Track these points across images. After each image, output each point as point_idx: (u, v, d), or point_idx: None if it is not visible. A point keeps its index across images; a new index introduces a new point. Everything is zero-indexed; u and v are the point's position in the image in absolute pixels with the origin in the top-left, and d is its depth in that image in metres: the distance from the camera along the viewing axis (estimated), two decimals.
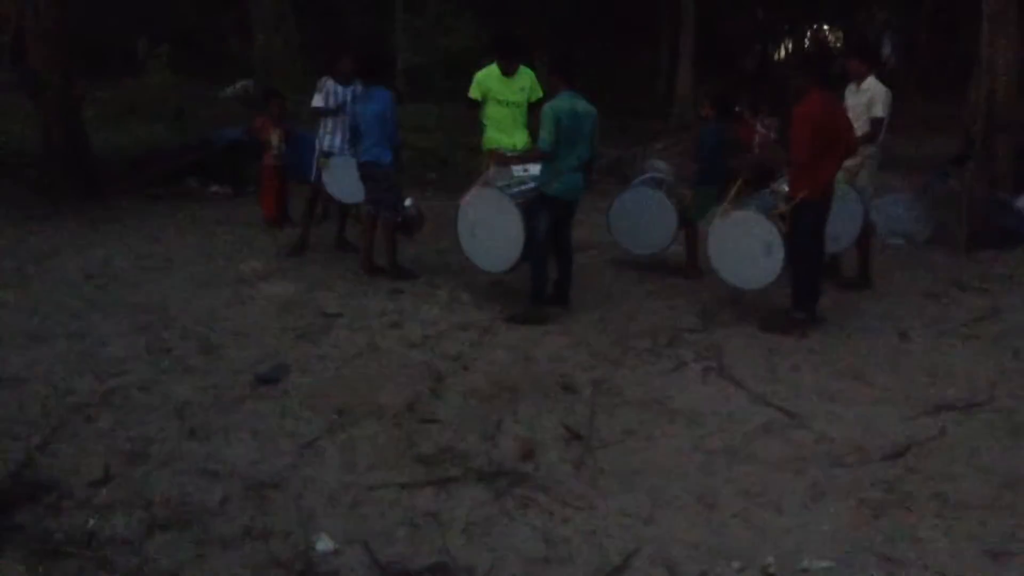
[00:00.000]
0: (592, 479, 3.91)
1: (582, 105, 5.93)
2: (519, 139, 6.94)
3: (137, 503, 3.55)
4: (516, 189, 6.30)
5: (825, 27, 28.16)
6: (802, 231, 5.83)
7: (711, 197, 6.92)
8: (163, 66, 14.68)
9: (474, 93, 7.03)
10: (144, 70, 14.90)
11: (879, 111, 6.58)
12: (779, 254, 5.87)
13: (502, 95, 6.94)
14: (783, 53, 28.33)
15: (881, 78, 6.90)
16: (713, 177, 6.95)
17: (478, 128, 7.14)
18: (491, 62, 7.06)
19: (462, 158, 12.02)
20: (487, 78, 6.98)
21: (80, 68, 10.93)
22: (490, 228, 6.25)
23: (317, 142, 7.56)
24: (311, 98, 7.52)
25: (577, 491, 3.79)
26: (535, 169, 6.25)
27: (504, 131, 6.96)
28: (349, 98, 7.30)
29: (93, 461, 3.88)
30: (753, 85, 16.44)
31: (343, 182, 7.26)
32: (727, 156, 7.15)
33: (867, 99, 6.60)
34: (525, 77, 6.99)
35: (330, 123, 7.41)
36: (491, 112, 6.98)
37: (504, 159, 6.46)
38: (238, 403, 4.60)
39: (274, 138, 8.49)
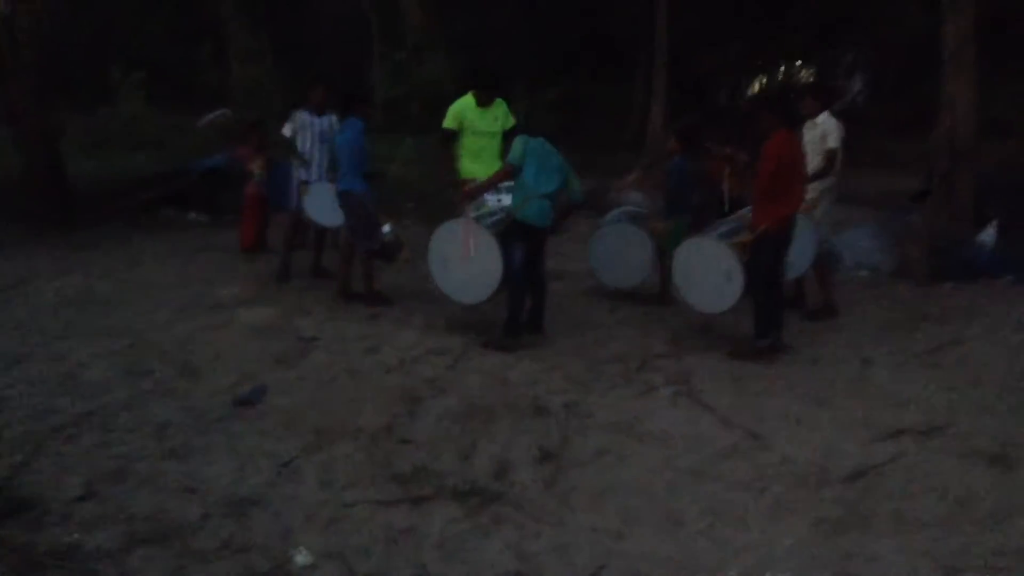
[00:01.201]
0: (563, 497, 4.03)
1: (549, 146, 6.18)
2: (494, 169, 7.10)
3: (118, 519, 3.63)
4: (489, 220, 6.44)
5: (798, 63, 28.74)
6: (761, 261, 6.03)
7: (681, 227, 7.15)
8: (137, 94, 14.79)
9: (449, 123, 7.20)
10: (119, 98, 15.00)
11: (833, 143, 6.85)
12: (738, 281, 6.07)
13: (478, 126, 7.12)
14: (756, 88, 28.86)
15: (850, 115, 7.16)
16: (682, 207, 7.20)
17: (453, 159, 7.30)
18: (466, 94, 7.25)
19: (438, 188, 12.19)
20: (463, 109, 7.16)
21: (55, 97, 11.02)
22: (466, 260, 6.35)
23: (294, 170, 7.70)
24: (285, 125, 7.72)
25: (549, 508, 3.91)
26: (508, 201, 6.42)
27: (480, 161, 7.12)
28: (325, 127, 7.48)
29: (74, 479, 3.95)
30: (725, 120, 16.76)
31: (323, 207, 7.39)
32: (695, 187, 7.39)
33: (820, 133, 6.87)
34: (498, 107, 7.18)
35: (307, 151, 7.56)
36: (467, 143, 7.15)
37: (476, 190, 6.55)
38: (217, 424, 4.68)
39: (256, 167, 8.63)
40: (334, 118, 7.49)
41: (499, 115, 7.16)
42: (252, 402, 4.98)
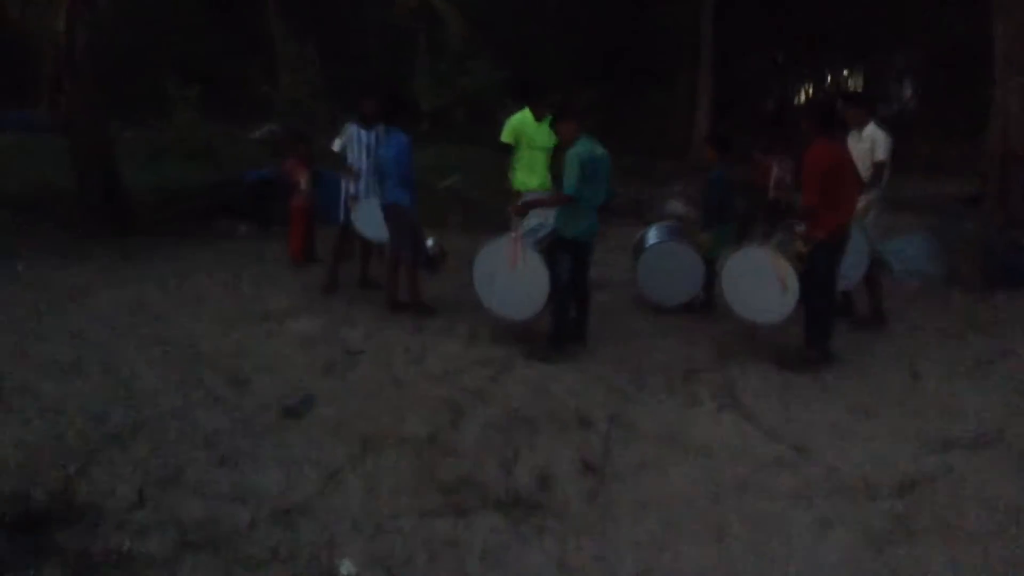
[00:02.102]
0: (606, 508, 4.04)
1: (599, 149, 6.11)
2: (546, 181, 7.23)
3: (170, 526, 3.72)
4: (533, 237, 6.47)
5: (844, 71, 28.40)
6: (817, 271, 5.97)
7: (724, 235, 7.15)
8: (192, 107, 15.11)
9: (507, 137, 7.32)
10: (173, 111, 15.33)
11: (880, 155, 6.76)
12: (794, 291, 6.01)
13: (535, 140, 7.22)
14: (803, 97, 28.56)
15: (900, 121, 7.08)
16: (724, 216, 7.18)
17: (506, 170, 7.41)
18: (514, 104, 7.35)
19: (483, 197, 12.28)
20: (521, 123, 7.27)
21: (112, 110, 11.30)
22: (512, 277, 6.37)
23: (343, 184, 7.80)
24: (335, 139, 7.83)
25: (591, 520, 3.92)
26: (550, 215, 6.44)
27: (534, 173, 7.27)
28: (372, 141, 7.55)
29: (128, 486, 4.06)
30: (771, 127, 16.63)
31: (373, 221, 7.46)
32: (735, 196, 7.36)
33: (869, 145, 6.78)
34: (548, 122, 7.23)
35: (356, 165, 7.64)
36: (523, 156, 7.28)
37: (527, 207, 6.57)
38: (266, 433, 4.77)
39: (303, 180, 8.79)
40: (381, 129, 7.57)
41: (549, 130, 7.22)
42: (299, 412, 5.07)
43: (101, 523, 3.73)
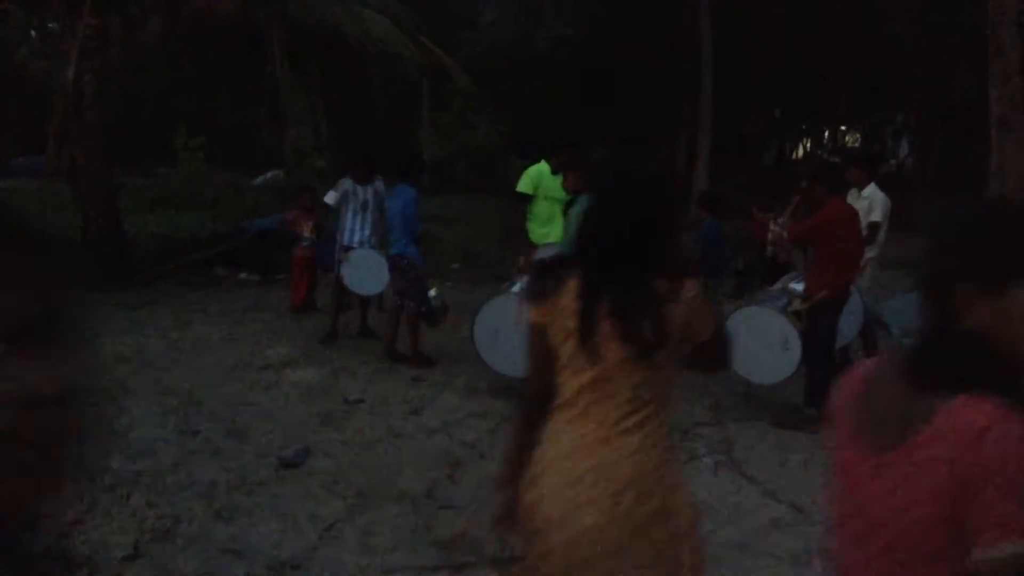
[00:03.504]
0: None
1: None
2: (559, 232, 7.31)
3: None
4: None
5: (842, 127, 28.75)
6: (819, 330, 6.01)
7: (714, 289, 7.23)
8: (197, 157, 15.28)
9: (525, 187, 7.39)
10: (179, 161, 15.50)
11: (877, 216, 6.89)
12: (796, 350, 6.04)
13: (551, 192, 7.30)
14: (800, 152, 28.89)
15: (898, 179, 7.20)
16: (712, 271, 7.26)
17: (521, 221, 7.48)
18: (516, 156, 7.45)
19: (484, 248, 12.35)
20: (540, 175, 7.36)
21: (117, 158, 11.43)
22: (516, 333, 6.35)
23: (337, 236, 7.91)
24: (330, 192, 7.97)
25: None
26: None
27: (549, 224, 7.33)
28: (369, 196, 7.69)
29: (124, 538, 4.04)
30: (769, 183, 16.79)
31: (360, 275, 7.58)
32: (727, 249, 7.45)
33: (867, 205, 6.88)
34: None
35: (349, 219, 7.76)
36: (539, 208, 7.35)
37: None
38: (263, 485, 4.76)
39: (306, 230, 8.88)
40: (380, 185, 7.70)
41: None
42: (297, 464, 5.06)
43: (96, 575, 3.71)
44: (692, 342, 2.13)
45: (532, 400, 2.26)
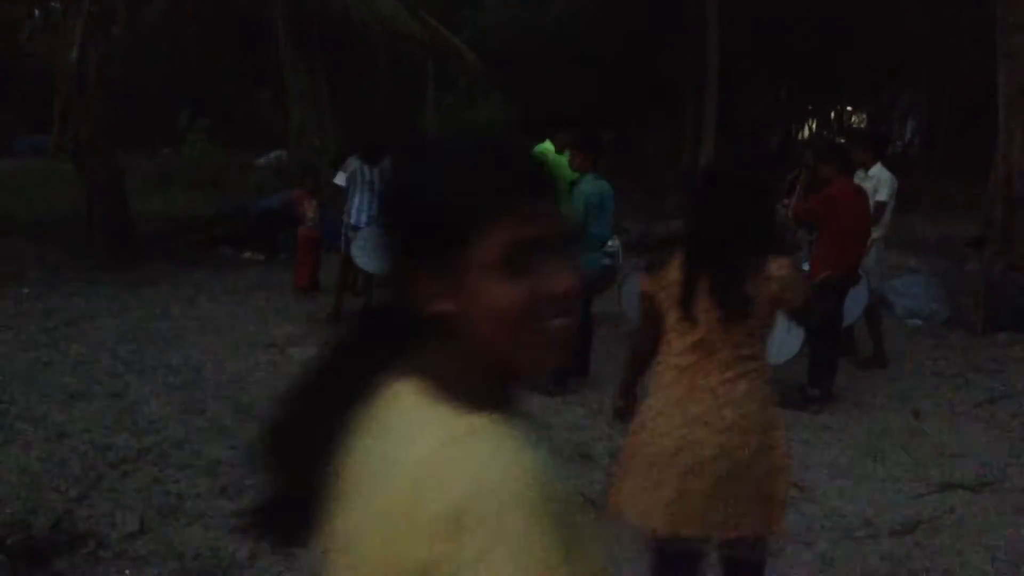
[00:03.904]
0: (607, 547, 4.02)
1: (605, 186, 6.17)
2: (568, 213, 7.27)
3: (170, 556, 3.73)
4: None
5: (848, 109, 28.63)
6: (823, 309, 6.00)
7: None
8: (202, 138, 15.26)
9: None
10: (184, 141, 15.50)
11: (883, 196, 6.85)
12: (800, 330, 6.03)
13: (557, 171, 7.26)
14: (807, 132, 28.76)
15: (904, 160, 7.17)
16: None
17: None
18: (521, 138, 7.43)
19: None
20: (544, 155, 7.32)
21: (122, 138, 11.43)
22: None
23: (344, 216, 7.92)
24: (338, 173, 7.98)
25: None
26: None
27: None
28: (375, 177, 7.69)
29: (129, 514, 4.06)
30: (775, 164, 16.74)
31: (370, 253, 7.60)
32: None
33: (873, 185, 6.85)
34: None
35: (357, 199, 7.77)
36: None
37: None
38: None
39: (309, 210, 8.88)
40: (387, 165, 7.69)
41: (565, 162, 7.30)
42: None
43: (102, 551, 3.74)
44: (785, 309, 2.54)
45: (641, 354, 2.81)
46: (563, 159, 7.30)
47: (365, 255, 7.70)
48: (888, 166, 7.07)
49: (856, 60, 20.15)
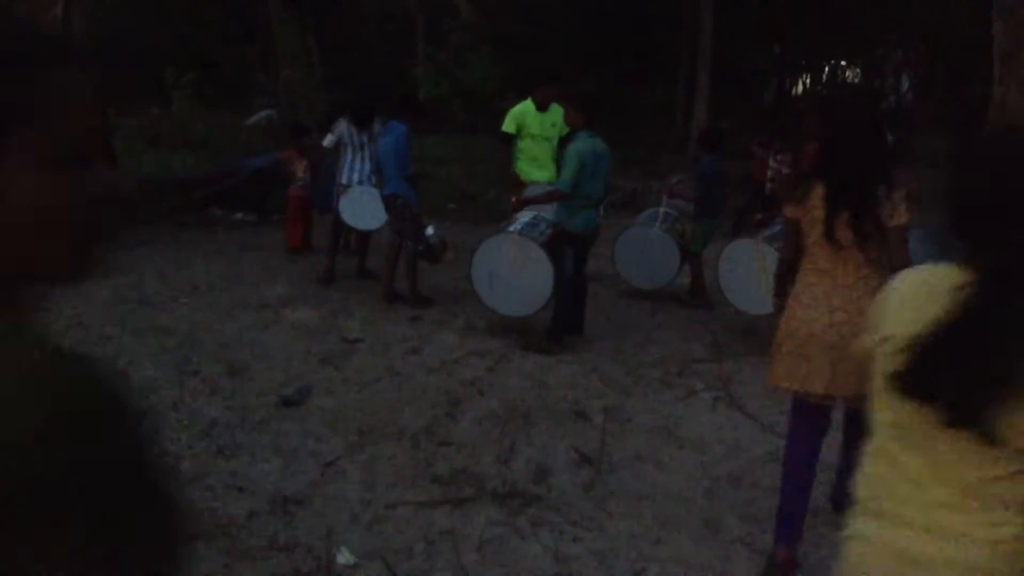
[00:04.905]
0: (601, 501, 4.06)
1: (600, 145, 6.12)
2: (549, 172, 7.22)
3: None
4: (536, 231, 6.47)
5: (843, 63, 28.41)
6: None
7: (710, 228, 7.23)
8: (188, 95, 15.09)
9: (508, 127, 7.32)
10: (171, 99, 15.32)
11: None
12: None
13: (535, 130, 7.22)
14: (800, 88, 28.58)
15: (898, 114, 7.13)
16: (710, 210, 7.23)
17: (509, 160, 7.44)
18: (513, 95, 7.37)
19: (481, 188, 12.28)
20: (522, 113, 7.27)
21: (109, 98, 11.29)
22: (513, 273, 6.37)
23: (336, 175, 7.87)
24: (327, 135, 7.92)
25: (587, 513, 3.95)
26: (544, 209, 6.46)
27: (536, 164, 7.26)
28: (364, 139, 7.64)
29: None
30: (769, 120, 16.66)
31: (358, 210, 7.58)
32: (724, 188, 7.43)
33: None
34: (556, 113, 7.22)
35: (348, 158, 7.72)
36: (524, 146, 7.29)
37: (526, 203, 6.60)
38: (263, 423, 4.79)
39: (300, 169, 8.81)
40: (377, 128, 7.64)
41: (557, 120, 7.21)
42: (297, 402, 5.09)
43: None
44: (900, 223, 3.15)
45: (791, 264, 3.48)
46: (545, 116, 7.25)
47: (354, 211, 7.68)
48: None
49: (850, 14, 19.96)
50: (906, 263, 2.99)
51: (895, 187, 3.18)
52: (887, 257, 3.24)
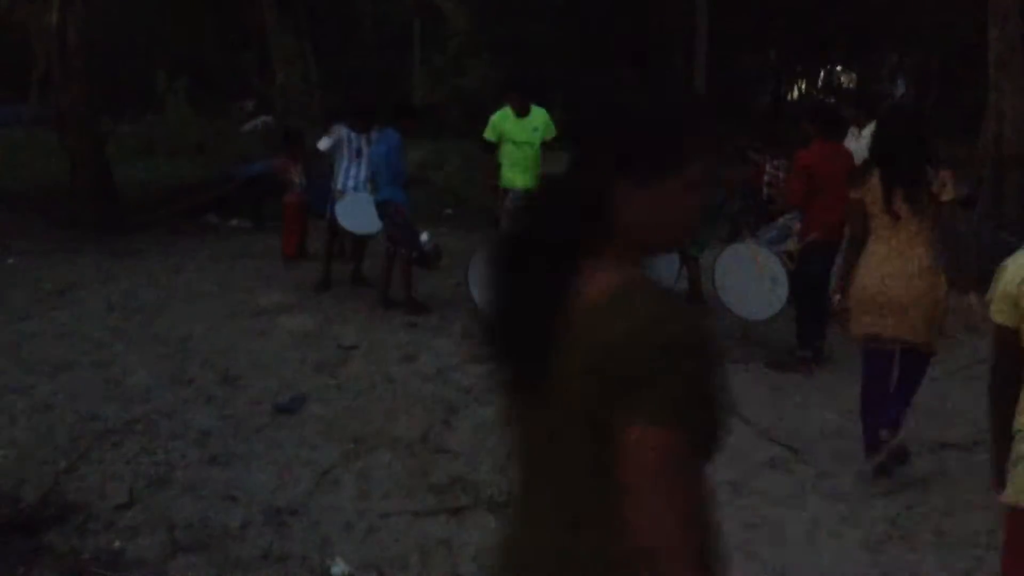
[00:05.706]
0: None
1: None
2: (523, 176, 7.16)
3: (161, 526, 3.70)
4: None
5: (839, 68, 28.44)
6: (811, 271, 5.97)
7: (707, 235, 7.22)
8: (182, 101, 15.03)
9: (489, 135, 7.27)
10: (164, 105, 15.26)
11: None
12: (783, 289, 6.02)
13: (516, 136, 7.16)
14: (796, 94, 28.61)
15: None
16: (709, 214, 7.22)
17: (495, 167, 7.38)
18: (502, 104, 7.33)
19: (477, 194, 12.23)
20: (501, 120, 7.22)
21: (104, 104, 11.25)
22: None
23: (332, 182, 7.83)
24: (323, 138, 7.87)
25: None
26: None
27: (517, 170, 7.18)
28: (362, 144, 7.60)
29: (118, 485, 4.04)
30: (765, 125, 16.65)
31: (354, 215, 7.53)
32: (719, 192, 7.43)
33: (865, 144, 6.79)
34: (538, 118, 7.18)
35: (344, 165, 7.69)
36: (507, 152, 7.22)
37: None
38: (258, 432, 4.75)
39: (295, 176, 8.77)
40: (374, 134, 7.60)
41: (539, 125, 7.17)
42: (291, 410, 5.05)
43: (91, 523, 3.72)
44: (949, 198, 4.12)
45: (859, 238, 4.29)
46: (526, 121, 7.20)
47: (349, 216, 7.62)
48: None
49: (845, 19, 19.98)
50: (957, 232, 3.54)
51: (940, 168, 4.05)
52: (939, 228, 4.16)
